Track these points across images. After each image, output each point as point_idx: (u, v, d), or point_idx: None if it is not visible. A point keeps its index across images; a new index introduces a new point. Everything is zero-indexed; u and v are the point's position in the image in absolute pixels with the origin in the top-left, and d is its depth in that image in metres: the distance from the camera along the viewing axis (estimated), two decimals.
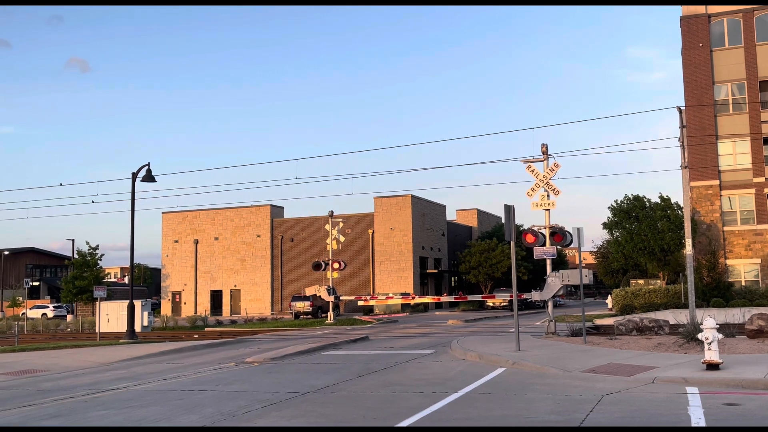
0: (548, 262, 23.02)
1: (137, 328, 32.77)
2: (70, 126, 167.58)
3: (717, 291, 36.64)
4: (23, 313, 57.24)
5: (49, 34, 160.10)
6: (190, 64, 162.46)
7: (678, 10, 47.06)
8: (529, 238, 21.85)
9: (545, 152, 22.80)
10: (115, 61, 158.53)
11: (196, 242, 68.63)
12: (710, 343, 12.66)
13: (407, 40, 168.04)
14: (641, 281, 47.00)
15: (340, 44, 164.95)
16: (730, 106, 41.80)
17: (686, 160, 23.19)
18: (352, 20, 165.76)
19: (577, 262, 21.63)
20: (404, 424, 9.32)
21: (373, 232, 62.30)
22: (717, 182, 41.20)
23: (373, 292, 58.78)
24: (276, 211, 67.20)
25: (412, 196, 61.36)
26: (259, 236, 66.64)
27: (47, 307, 65.70)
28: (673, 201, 45.17)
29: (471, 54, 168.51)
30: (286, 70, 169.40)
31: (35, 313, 61.14)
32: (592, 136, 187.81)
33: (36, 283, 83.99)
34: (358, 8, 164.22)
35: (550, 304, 23.05)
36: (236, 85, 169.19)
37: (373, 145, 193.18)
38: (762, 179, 40.64)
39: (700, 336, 13.06)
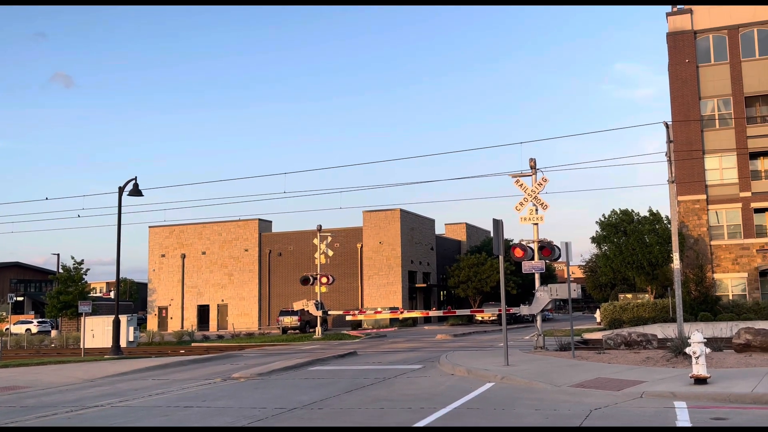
0: (537, 276, 23.02)
1: (123, 343, 32.47)
2: (56, 140, 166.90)
3: (704, 305, 36.74)
4: (7, 329, 56.61)
5: (33, 50, 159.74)
6: (175, 78, 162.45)
7: (665, 27, 47.63)
8: (518, 253, 21.84)
9: (533, 167, 22.87)
10: (99, 76, 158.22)
11: (183, 256, 68.24)
12: (698, 358, 12.65)
13: (395, 54, 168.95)
14: (629, 295, 47.11)
15: (328, 57, 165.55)
16: (717, 121, 42.19)
17: (673, 174, 23.29)
18: (340, 32, 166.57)
19: (566, 276, 21.61)
20: None
21: (361, 246, 62.19)
22: (704, 197, 41.47)
23: (362, 307, 58.57)
24: (264, 225, 66.96)
25: (401, 210, 61.35)
26: (246, 250, 66.35)
27: (31, 322, 65.01)
28: (663, 215, 45.44)
29: (459, 68, 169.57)
30: (274, 82, 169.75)
31: (19, 329, 60.47)
32: (580, 151, 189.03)
33: (20, 298, 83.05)
34: (344, 18, 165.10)
35: (538, 318, 23.02)
36: (223, 98, 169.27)
37: (362, 159, 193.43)
38: (748, 194, 40.96)
39: (687, 350, 13.05)
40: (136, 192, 29.61)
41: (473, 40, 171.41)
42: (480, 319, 56.01)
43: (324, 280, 42.13)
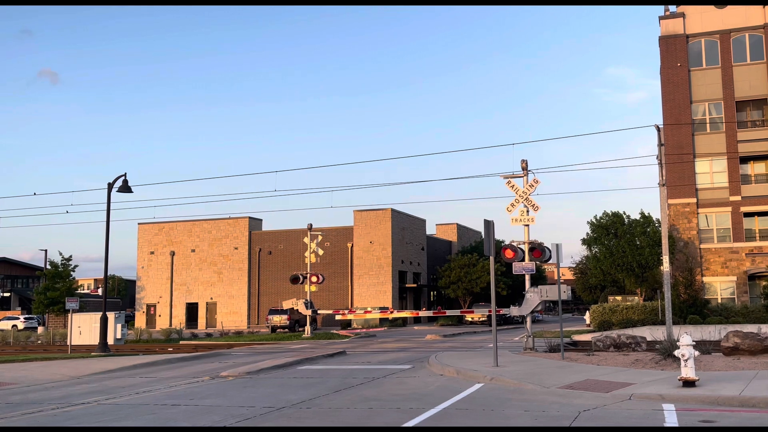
0: (527, 277, 23.01)
1: (110, 340, 32.24)
2: (44, 136, 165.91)
3: (694, 308, 36.89)
4: None
5: (18, 47, 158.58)
6: (166, 75, 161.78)
7: (656, 31, 47.81)
8: (509, 254, 21.82)
9: (525, 168, 22.85)
10: (86, 73, 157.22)
11: (173, 254, 67.94)
12: (687, 360, 12.66)
13: (388, 55, 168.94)
14: (619, 297, 47.25)
15: (320, 56, 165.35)
16: (708, 125, 42.39)
17: (664, 177, 23.35)
18: (333, 32, 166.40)
19: (556, 277, 21.63)
20: None
21: (352, 246, 62.10)
22: (694, 200, 41.65)
23: (352, 306, 58.48)
24: (254, 223, 66.76)
25: (392, 210, 61.29)
26: (236, 248, 66.12)
27: (18, 318, 64.45)
28: (655, 218, 45.61)
29: (452, 69, 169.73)
30: (266, 81, 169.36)
31: (5, 325, 59.96)
32: (571, 154, 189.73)
33: (7, 294, 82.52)
34: (337, 19, 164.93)
35: (528, 319, 23.02)
36: (215, 96, 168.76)
37: (353, 158, 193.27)
38: (738, 198, 41.16)
39: (676, 353, 13.06)
40: (126, 188, 29.40)
41: (466, 41, 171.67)
42: (470, 319, 56.04)
43: (314, 279, 42.02)
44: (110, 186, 29.78)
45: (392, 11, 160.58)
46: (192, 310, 67.10)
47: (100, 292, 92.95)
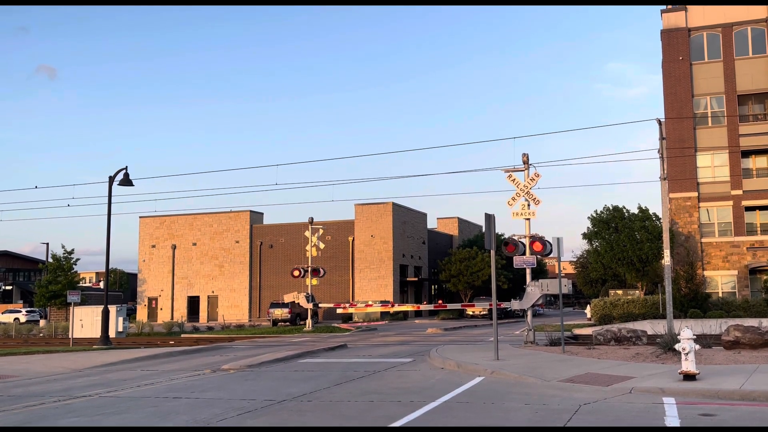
0: (528, 271, 23.01)
1: (112, 333, 32.34)
2: (45, 130, 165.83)
3: (694, 302, 36.91)
4: None
5: (15, 43, 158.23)
6: (167, 70, 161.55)
7: (657, 26, 47.65)
8: (510, 248, 21.82)
9: (526, 162, 22.81)
10: (84, 68, 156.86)
11: (174, 247, 67.99)
12: (687, 354, 12.67)
13: (390, 50, 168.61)
14: (620, 291, 47.28)
15: (321, 50, 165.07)
16: (709, 119, 42.32)
17: (665, 171, 23.29)
18: (334, 28, 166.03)
19: (557, 271, 21.63)
20: None
21: (353, 239, 62.12)
22: (695, 194, 41.60)
23: (353, 300, 58.53)
24: (255, 216, 66.79)
25: (393, 204, 61.28)
26: (237, 242, 66.16)
27: (20, 311, 64.62)
28: (651, 212, 45.62)
29: (453, 64, 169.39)
30: (267, 75, 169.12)
31: (7, 318, 60.13)
32: (572, 148, 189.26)
33: (9, 287, 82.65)
34: (338, 12, 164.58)
35: (529, 313, 23.03)
36: (215, 90, 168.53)
37: (354, 152, 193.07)
38: (739, 192, 41.12)
39: (677, 347, 13.06)
40: (127, 182, 29.41)
41: (467, 36, 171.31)
42: (471, 313, 56.06)
43: (315, 272, 42.05)
44: (111, 179, 29.80)
45: (393, 7, 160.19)
46: (193, 303, 67.21)
47: (101, 285, 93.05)
